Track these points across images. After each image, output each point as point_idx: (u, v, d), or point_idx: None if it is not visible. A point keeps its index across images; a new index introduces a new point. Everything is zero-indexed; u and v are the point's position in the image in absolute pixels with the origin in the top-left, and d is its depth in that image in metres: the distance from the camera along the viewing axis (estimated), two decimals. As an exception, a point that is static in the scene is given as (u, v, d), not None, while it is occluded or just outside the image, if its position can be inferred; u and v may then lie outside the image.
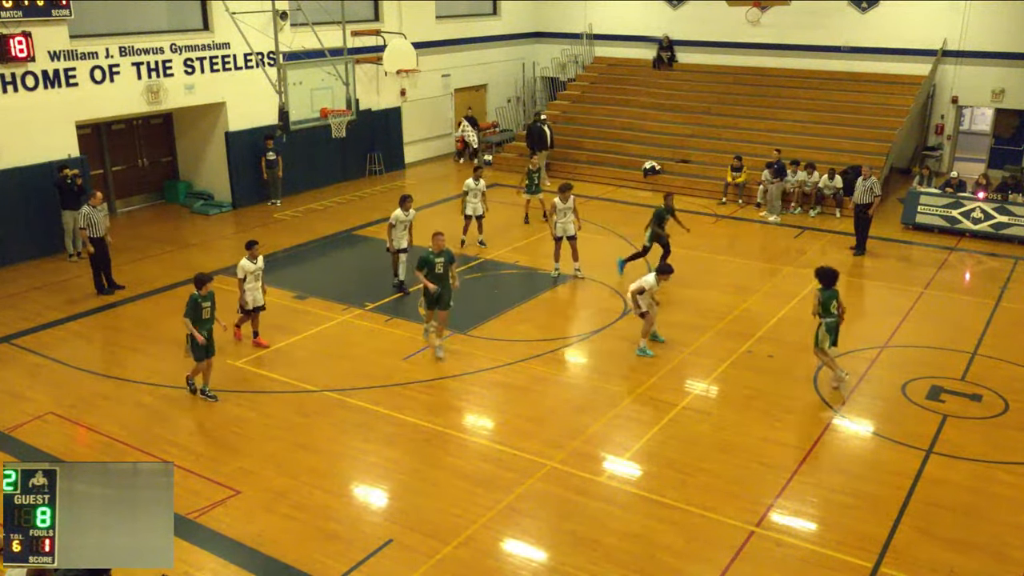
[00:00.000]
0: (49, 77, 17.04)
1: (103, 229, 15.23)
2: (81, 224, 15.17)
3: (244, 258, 12.96)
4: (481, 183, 17.66)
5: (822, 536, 8.92)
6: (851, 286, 16.58)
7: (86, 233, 15.09)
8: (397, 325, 14.08)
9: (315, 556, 8.58)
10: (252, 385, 12.13)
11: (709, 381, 12.34)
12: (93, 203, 15.20)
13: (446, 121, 26.95)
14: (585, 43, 28.93)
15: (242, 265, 12.91)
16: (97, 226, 15.12)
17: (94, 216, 15.12)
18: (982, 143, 25.10)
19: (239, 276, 12.89)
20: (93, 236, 15.08)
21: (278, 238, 18.84)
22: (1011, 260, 17.54)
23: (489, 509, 9.31)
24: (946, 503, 9.43)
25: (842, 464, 10.25)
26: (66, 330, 14.03)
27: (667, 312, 14.70)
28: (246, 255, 12.94)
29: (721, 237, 19.29)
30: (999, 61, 22.85)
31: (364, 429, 11.04)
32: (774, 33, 25.60)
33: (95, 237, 15.11)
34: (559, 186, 16.29)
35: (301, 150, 21.59)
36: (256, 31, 17.81)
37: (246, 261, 12.91)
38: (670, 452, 10.47)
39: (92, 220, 15.09)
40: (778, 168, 20.35)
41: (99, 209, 15.25)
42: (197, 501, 9.40)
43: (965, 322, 14.39)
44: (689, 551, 8.66)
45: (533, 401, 11.76)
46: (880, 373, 12.53)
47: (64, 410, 11.42)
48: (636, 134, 24.94)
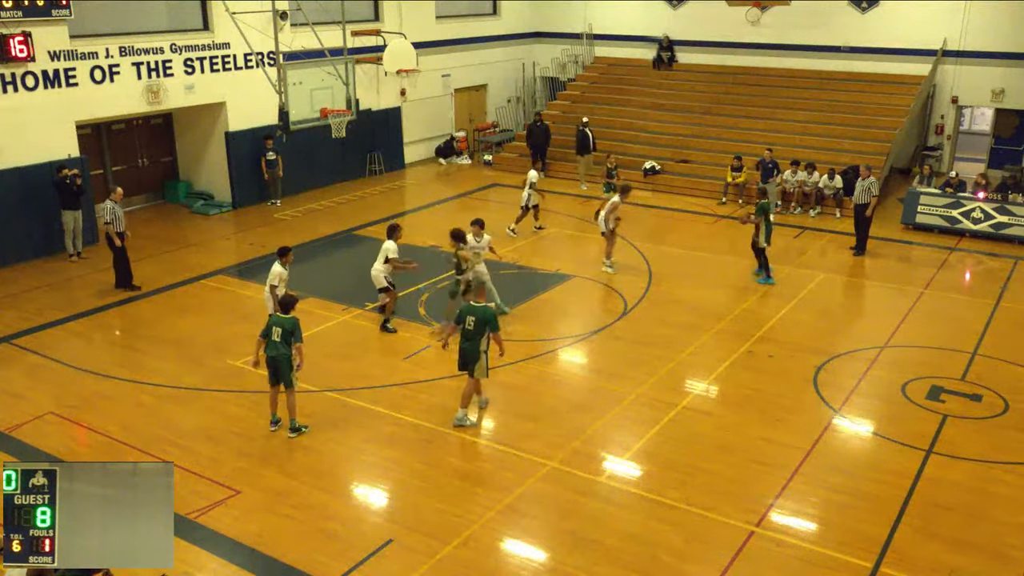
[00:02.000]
0: (49, 77, 17.04)
1: (124, 224, 15.47)
2: (107, 219, 15.34)
3: (277, 263, 12.53)
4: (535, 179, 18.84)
5: (822, 536, 8.92)
6: (851, 286, 16.59)
7: (112, 228, 15.24)
8: (397, 325, 14.07)
9: (315, 556, 8.58)
10: (252, 385, 12.12)
11: (709, 381, 12.34)
12: (115, 198, 15.37)
13: (446, 121, 26.95)
14: (585, 43, 28.93)
15: (278, 272, 12.46)
16: (120, 221, 15.31)
17: (118, 211, 15.30)
18: (982, 143, 25.08)
19: (273, 282, 12.46)
20: (118, 231, 15.28)
21: (278, 238, 18.80)
22: (1011, 260, 17.54)
23: (489, 509, 9.31)
24: (946, 503, 9.43)
25: (842, 464, 10.25)
26: (66, 330, 14.02)
27: (667, 312, 14.72)
28: (279, 261, 12.53)
29: (721, 237, 19.29)
30: (999, 61, 22.84)
31: (364, 429, 11.04)
32: (774, 33, 25.60)
33: (120, 232, 15.31)
34: (621, 187, 16.92)
35: (301, 150, 21.58)
36: (256, 31, 17.81)
37: (281, 267, 12.48)
38: (670, 452, 10.47)
39: (116, 215, 15.26)
40: (766, 167, 20.17)
41: (121, 205, 15.47)
42: (197, 501, 9.39)
43: (965, 322, 14.39)
44: (689, 551, 8.66)
45: (533, 401, 11.76)
46: (880, 373, 12.53)
47: (64, 410, 11.42)
48: (636, 134, 24.94)
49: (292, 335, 10.38)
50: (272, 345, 10.41)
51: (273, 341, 10.40)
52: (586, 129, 22.96)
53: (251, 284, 16.06)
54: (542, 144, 24.02)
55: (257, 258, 17.57)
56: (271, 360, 10.48)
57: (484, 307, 10.87)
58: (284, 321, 10.43)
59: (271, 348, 10.42)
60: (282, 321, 10.44)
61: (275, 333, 10.38)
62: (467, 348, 10.76)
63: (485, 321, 10.63)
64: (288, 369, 10.49)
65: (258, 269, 16.92)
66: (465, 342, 10.76)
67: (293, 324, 10.42)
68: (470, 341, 10.71)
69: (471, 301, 10.92)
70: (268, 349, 10.45)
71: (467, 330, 10.69)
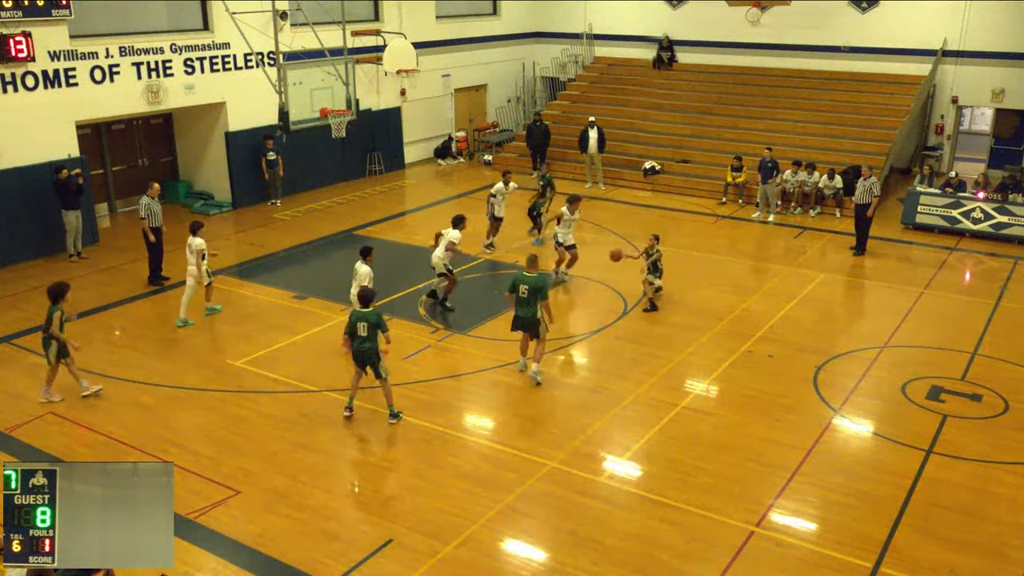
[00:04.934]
0: (49, 77, 17.04)
1: (161, 219, 15.65)
2: (141, 214, 15.56)
3: (363, 263, 12.77)
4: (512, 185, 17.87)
5: (822, 536, 8.92)
6: (851, 286, 16.59)
7: (147, 223, 15.43)
8: (397, 325, 14.06)
9: (315, 556, 8.58)
10: (252, 385, 12.13)
11: (709, 381, 12.34)
12: (151, 194, 15.53)
13: (446, 121, 26.95)
14: (585, 43, 28.93)
15: (367, 272, 12.71)
16: (157, 215, 15.48)
17: (153, 207, 15.47)
18: (982, 143, 25.10)
19: (364, 282, 12.48)
20: (153, 226, 15.45)
21: (278, 238, 18.85)
22: (1011, 260, 17.54)
23: (489, 509, 9.31)
24: (946, 503, 9.43)
25: (842, 464, 10.25)
26: (66, 330, 13.98)
27: (667, 312, 14.71)
28: (362, 260, 12.78)
29: (721, 237, 19.29)
30: (999, 61, 22.85)
31: (364, 429, 11.04)
32: (774, 33, 25.60)
33: (155, 227, 15.48)
34: (569, 196, 16.13)
35: (301, 150, 21.59)
36: (256, 31, 17.81)
37: (367, 267, 12.73)
38: (670, 452, 10.47)
39: (152, 210, 15.45)
40: (766, 166, 20.11)
41: (158, 200, 15.62)
42: (197, 501, 9.40)
43: (965, 322, 14.39)
44: (689, 551, 8.66)
45: (533, 401, 11.76)
46: (880, 373, 12.53)
47: (64, 410, 11.42)
48: (636, 134, 24.93)
49: (377, 327, 10.76)
50: (359, 339, 10.78)
51: (359, 336, 10.76)
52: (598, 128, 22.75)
53: (251, 284, 16.07)
54: (542, 144, 24.01)
55: (257, 258, 17.59)
56: (358, 353, 10.85)
57: (538, 275, 11.87)
58: (367, 315, 10.79)
59: (357, 342, 10.80)
60: (365, 315, 10.78)
61: (360, 328, 10.74)
62: (525, 313, 11.87)
63: (538, 288, 11.70)
64: (377, 360, 10.84)
65: (258, 269, 16.97)
66: (521, 308, 11.85)
67: (376, 316, 10.82)
68: (526, 307, 11.79)
69: (524, 271, 11.93)
70: (355, 343, 10.82)
71: (521, 298, 11.79)
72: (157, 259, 15.93)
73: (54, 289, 11.49)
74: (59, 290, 11.46)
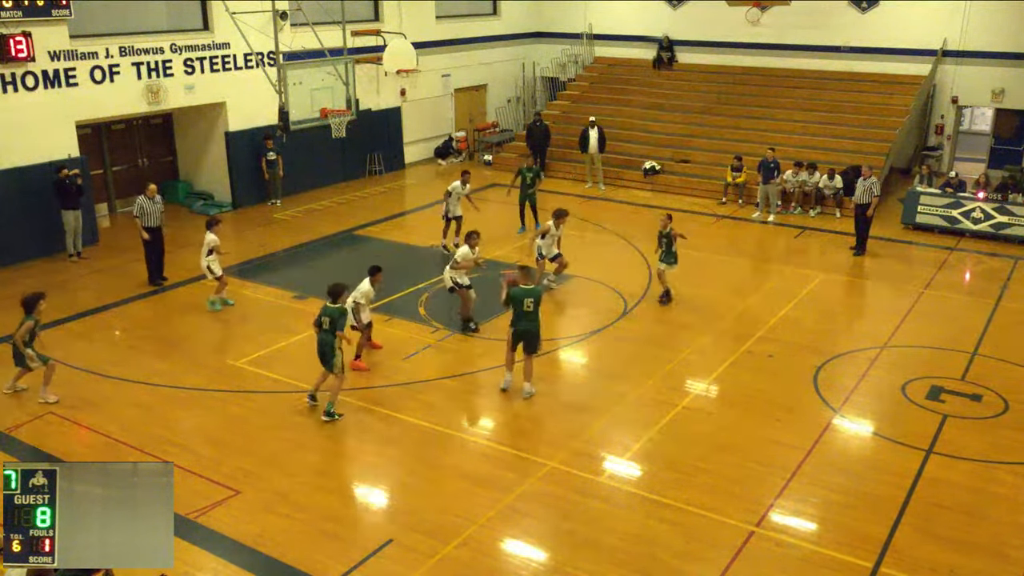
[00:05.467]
0: (49, 77, 17.04)
1: (158, 219, 15.65)
2: (135, 213, 15.62)
3: (367, 281, 12.37)
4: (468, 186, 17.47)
5: (822, 536, 8.92)
6: (851, 286, 16.59)
7: (140, 222, 15.47)
8: (397, 325, 14.08)
9: (315, 556, 8.58)
10: (252, 385, 12.13)
11: (709, 381, 12.33)
12: (149, 195, 15.54)
13: (446, 121, 26.95)
14: (585, 43, 28.92)
15: (366, 291, 12.40)
16: (151, 216, 15.50)
17: (147, 206, 15.49)
18: (982, 143, 25.08)
19: (359, 300, 12.34)
20: (147, 225, 15.45)
21: (278, 238, 18.85)
22: (1011, 260, 17.54)
23: (489, 509, 9.31)
24: (946, 503, 9.43)
25: (842, 464, 10.25)
26: (66, 330, 14.02)
27: (667, 312, 14.72)
28: (368, 279, 12.37)
29: (721, 237, 19.29)
30: (999, 61, 22.84)
31: (364, 429, 11.04)
32: (774, 33, 25.59)
33: (150, 227, 15.50)
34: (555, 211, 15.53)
35: (301, 150, 21.58)
36: (256, 31, 17.80)
37: (370, 286, 12.40)
38: (670, 452, 10.47)
39: (145, 210, 15.47)
40: (768, 167, 20.10)
41: (154, 200, 15.61)
42: (197, 501, 9.39)
43: (965, 322, 14.39)
44: (689, 551, 8.66)
45: (533, 401, 11.75)
46: (880, 373, 12.53)
47: (64, 410, 11.42)
48: (636, 134, 24.92)
49: (335, 323, 10.88)
50: (323, 332, 10.95)
51: (324, 329, 10.94)
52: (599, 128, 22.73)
53: (251, 284, 16.08)
54: (542, 144, 24.00)
55: (257, 258, 17.58)
56: (318, 345, 11.02)
57: (535, 288, 11.70)
58: (332, 311, 10.93)
59: (321, 334, 10.97)
60: (330, 311, 10.93)
61: (325, 322, 10.93)
62: (530, 328, 11.48)
63: (540, 299, 11.59)
64: (331, 355, 10.93)
65: (258, 269, 16.96)
66: (527, 323, 11.45)
67: (339, 313, 10.96)
68: (532, 321, 11.46)
69: (520, 284, 11.59)
70: (319, 335, 10.99)
71: (528, 312, 11.42)
72: (154, 259, 15.87)
73: (28, 299, 11.45)
74: (33, 300, 11.42)
